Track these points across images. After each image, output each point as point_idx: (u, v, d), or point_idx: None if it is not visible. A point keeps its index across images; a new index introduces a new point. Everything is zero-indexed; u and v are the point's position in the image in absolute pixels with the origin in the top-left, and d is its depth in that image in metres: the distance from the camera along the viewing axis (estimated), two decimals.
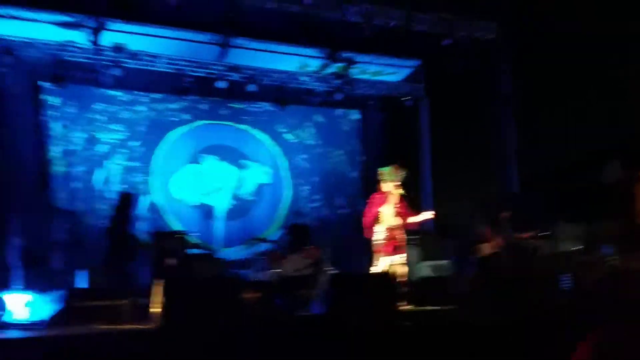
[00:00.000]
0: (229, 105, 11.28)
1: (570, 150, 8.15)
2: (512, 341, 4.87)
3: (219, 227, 10.78)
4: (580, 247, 7.43)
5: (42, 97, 9.86)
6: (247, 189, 11.15)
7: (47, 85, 9.81)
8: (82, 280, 7.69)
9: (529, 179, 9.24)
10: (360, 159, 12.06)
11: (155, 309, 5.67)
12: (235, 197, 11.01)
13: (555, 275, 7.02)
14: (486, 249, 8.10)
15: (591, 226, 7.57)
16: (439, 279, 8.03)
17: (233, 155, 11.13)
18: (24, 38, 9.03)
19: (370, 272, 6.96)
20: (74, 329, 5.46)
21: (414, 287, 7.51)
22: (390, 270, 6.86)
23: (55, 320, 5.83)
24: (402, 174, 6.98)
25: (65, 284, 7.20)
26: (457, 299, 6.53)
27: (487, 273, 7.55)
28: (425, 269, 8.76)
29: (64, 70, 9.32)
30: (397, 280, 6.67)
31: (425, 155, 11.23)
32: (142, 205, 10.28)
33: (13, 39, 8.95)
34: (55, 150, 9.86)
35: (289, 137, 11.67)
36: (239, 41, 9.78)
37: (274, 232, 11.05)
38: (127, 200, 8.10)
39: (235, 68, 10.43)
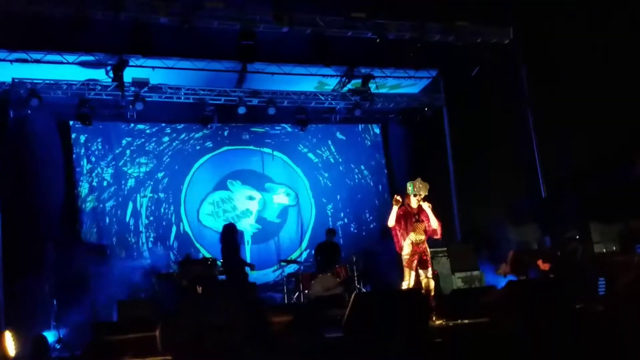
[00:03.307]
0: (250, 130, 11.41)
1: (594, 149, 7.94)
2: (547, 353, 4.71)
3: (247, 251, 10.83)
4: (614, 248, 7.21)
5: (69, 135, 10.16)
6: (272, 212, 11.21)
7: (73, 123, 10.10)
8: (113, 313, 7.81)
9: (555, 182, 9.03)
10: (384, 172, 12.00)
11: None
12: (261, 221, 11.08)
13: (594, 280, 6.83)
14: (503, 270, 8.06)
15: (625, 225, 7.34)
16: (470, 291, 7.87)
17: (256, 179, 11.22)
18: (48, 80, 9.35)
19: (400, 288, 6.85)
20: None
21: (446, 301, 7.37)
22: (419, 285, 6.75)
23: (86, 355, 5.91)
24: (424, 187, 6.89)
25: (95, 318, 7.31)
26: (490, 310, 6.36)
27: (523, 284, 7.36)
28: (457, 280, 8.61)
29: (89, 109, 9.59)
30: (426, 295, 6.56)
31: (448, 163, 11.10)
32: (172, 234, 10.48)
33: (37, 81, 9.27)
34: (84, 186, 10.11)
35: (311, 156, 11.71)
36: (256, 66, 9.91)
37: (301, 253, 11.07)
38: (230, 231, 8.51)
39: (254, 93, 10.57)
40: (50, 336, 6.92)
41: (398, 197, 6.91)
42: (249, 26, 8.57)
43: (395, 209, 6.87)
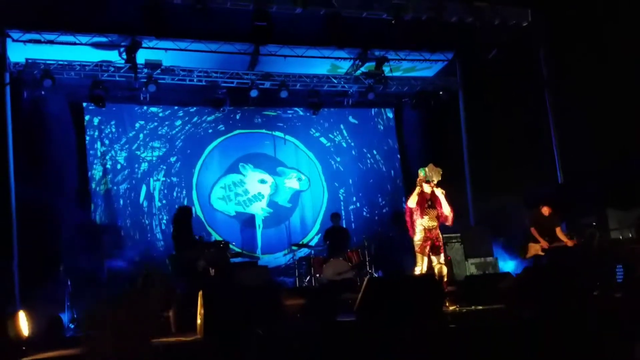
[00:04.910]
0: (263, 113, 11.34)
1: (612, 134, 7.78)
2: (562, 339, 4.64)
3: (259, 234, 10.82)
4: (631, 235, 7.09)
5: (83, 117, 10.15)
6: (283, 196, 11.17)
7: (86, 105, 10.09)
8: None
9: (572, 168, 8.89)
10: (397, 157, 11.90)
11: (199, 319, 5.71)
12: (272, 205, 11.04)
13: (611, 267, 6.74)
14: (532, 249, 7.86)
15: None
16: (484, 277, 7.80)
17: (268, 163, 11.17)
18: (62, 61, 9.32)
19: (412, 274, 6.80)
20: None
21: (460, 287, 7.31)
22: (431, 271, 6.69)
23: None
24: (437, 172, 6.81)
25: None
26: (506, 297, 6.30)
27: (539, 270, 7.26)
28: (470, 266, 8.54)
29: (102, 90, 9.57)
30: (439, 280, 6.50)
31: (463, 149, 10.95)
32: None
33: (51, 62, 9.24)
34: (98, 169, 10.13)
35: (323, 140, 11.63)
36: (269, 48, 9.80)
37: (313, 237, 11.03)
38: (184, 212, 8.28)
39: (266, 76, 10.47)
40: (65, 317, 6.97)
41: (421, 177, 6.84)
42: (262, 6, 8.46)
43: (417, 190, 6.79)
